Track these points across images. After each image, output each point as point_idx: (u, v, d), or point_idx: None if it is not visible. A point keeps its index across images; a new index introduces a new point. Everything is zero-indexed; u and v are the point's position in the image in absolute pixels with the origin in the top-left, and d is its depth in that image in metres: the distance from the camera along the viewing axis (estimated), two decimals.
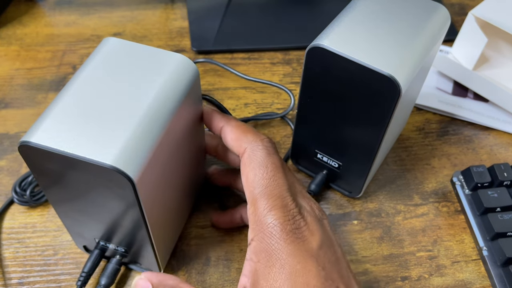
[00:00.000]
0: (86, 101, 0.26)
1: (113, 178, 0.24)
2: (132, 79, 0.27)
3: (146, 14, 0.55)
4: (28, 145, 0.24)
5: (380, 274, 0.35)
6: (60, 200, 0.29)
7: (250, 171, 0.28)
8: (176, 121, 0.27)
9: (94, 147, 0.24)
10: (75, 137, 0.24)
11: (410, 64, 0.30)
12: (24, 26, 0.54)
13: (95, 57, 0.29)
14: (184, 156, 0.31)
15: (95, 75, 0.27)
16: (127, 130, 0.25)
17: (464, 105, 0.47)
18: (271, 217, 0.26)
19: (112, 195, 0.26)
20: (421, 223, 0.38)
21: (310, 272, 0.25)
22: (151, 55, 0.29)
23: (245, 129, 0.30)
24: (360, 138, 0.33)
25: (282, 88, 0.46)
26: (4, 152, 0.42)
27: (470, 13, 0.44)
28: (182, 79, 0.28)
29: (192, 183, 0.35)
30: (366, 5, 0.33)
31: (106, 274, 0.32)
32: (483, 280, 0.35)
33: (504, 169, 0.38)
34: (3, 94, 0.46)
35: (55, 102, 0.26)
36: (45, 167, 0.25)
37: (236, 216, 0.36)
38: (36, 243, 0.36)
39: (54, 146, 0.24)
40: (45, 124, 0.25)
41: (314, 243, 0.26)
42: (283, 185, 0.27)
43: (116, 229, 0.30)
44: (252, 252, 0.27)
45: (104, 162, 0.23)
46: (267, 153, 0.28)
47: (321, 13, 0.55)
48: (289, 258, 0.25)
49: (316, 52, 0.30)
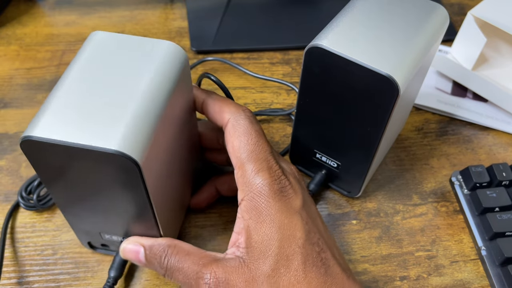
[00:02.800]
0: (82, 93, 0.26)
1: (118, 163, 0.24)
2: (124, 68, 0.27)
3: (145, 14, 0.55)
4: (30, 140, 0.24)
5: (379, 274, 0.35)
6: (64, 195, 0.29)
7: (236, 139, 0.30)
8: (172, 104, 0.28)
9: (96, 135, 0.24)
10: (76, 127, 0.24)
11: (408, 64, 0.30)
12: (23, 26, 0.54)
13: (84, 51, 0.29)
14: (182, 140, 0.32)
15: (87, 68, 0.27)
16: (127, 115, 0.25)
17: (463, 105, 0.47)
18: (258, 178, 0.28)
19: (117, 182, 0.26)
20: (420, 223, 0.38)
21: (296, 226, 0.28)
22: (140, 44, 0.29)
23: (226, 101, 0.31)
24: (359, 138, 0.34)
25: (291, 87, 0.46)
26: (4, 152, 0.42)
27: (469, 13, 0.44)
28: (173, 64, 0.29)
29: (190, 170, 0.36)
30: (364, 5, 0.33)
31: (114, 267, 0.32)
32: (481, 280, 0.35)
33: (502, 169, 0.38)
34: (3, 94, 0.47)
35: (50, 97, 0.26)
36: (49, 162, 0.25)
37: (211, 190, 0.38)
38: (35, 242, 0.36)
39: (57, 137, 0.24)
40: (44, 118, 0.25)
41: (297, 202, 0.29)
42: (267, 149, 0.30)
43: (121, 219, 0.30)
44: (243, 211, 0.29)
45: (109, 148, 0.24)
46: (250, 122, 0.30)
47: (321, 13, 0.55)
48: (278, 214, 0.28)
49: (314, 52, 0.31)
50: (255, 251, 0.28)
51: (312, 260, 0.28)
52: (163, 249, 0.29)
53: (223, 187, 0.37)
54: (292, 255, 0.27)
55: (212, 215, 0.38)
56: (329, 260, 0.28)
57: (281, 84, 0.48)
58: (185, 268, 0.28)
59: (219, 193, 0.38)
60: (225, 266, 0.28)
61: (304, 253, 0.28)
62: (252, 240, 0.28)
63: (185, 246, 0.29)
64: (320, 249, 0.28)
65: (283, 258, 0.27)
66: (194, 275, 0.28)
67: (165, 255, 0.29)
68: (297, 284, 0.27)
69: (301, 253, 0.27)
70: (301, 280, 0.27)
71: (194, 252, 0.29)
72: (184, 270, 0.28)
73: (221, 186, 0.37)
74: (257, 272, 0.27)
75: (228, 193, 0.38)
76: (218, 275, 0.27)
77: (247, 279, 0.27)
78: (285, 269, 0.27)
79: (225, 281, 0.27)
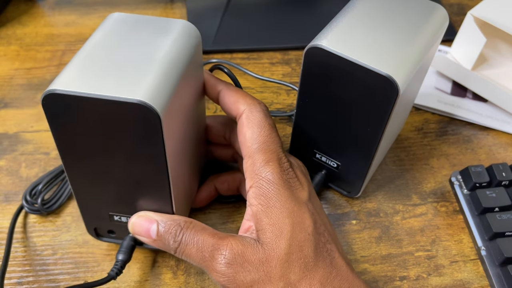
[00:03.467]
0: (104, 54, 0.27)
1: (141, 114, 0.25)
2: (144, 38, 0.29)
3: (145, 14, 0.56)
4: (54, 93, 0.24)
5: (379, 274, 0.35)
6: (79, 163, 0.29)
7: (248, 129, 0.30)
8: (188, 73, 0.29)
9: (120, 87, 0.25)
10: (100, 82, 0.25)
11: (408, 64, 0.30)
12: (23, 26, 0.54)
13: (102, 27, 0.30)
14: (194, 119, 0.32)
15: (107, 38, 0.28)
16: (149, 73, 0.26)
17: (463, 105, 0.47)
18: (268, 167, 0.29)
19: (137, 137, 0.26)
20: (420, 223, 0.38)
21: (305, 214, 0.29)
22: (157, 22, 0.30)
23: (243, 93, 0.32)
24: (359, 138, 0.34)
25: (291, 87, 0.47)
26: (4, 152, 0.42)
27: (469, 13, 0.44)
28: (189, 38, 0.30)
29: (198, 162, 0.36)
30: (364, 5, 0.33)
31: (122, 250, 0.32)
32: (481, 280, 0.35)
33: (502, 169, 0.38)
34: (3, 94, 0.47)
35: (72, 61, 0.27)
36: (70, 118, 0.26)
37: (211, 189, 0.38)
38: (35, 242, 0.36)
39: (81, 90, 0.24)
40: (68, 74, 0.25)
41: (304, 193, 0.30)
42: (277, 142, 0.31)
43: (135, 191, 0.30)
44: (251, 198, 0.29)
45: (133, 98, 0.24)
46: (264, 115, 0.31)
47: (320, 13, 0.55)
48: (288, 200, 0.29)
49: (314, 52, 0.31)
50: (267, 233, 0.28)
51: (320, 250, 0.28)
52: (179, 223, 0.29)
53: (222, 186, 0.37)
54: (304, 241, 0.28)
55: (212, 214, 0.38)
56: (334, 252, 0.29)
57: (280, 84, 0.48)
58: (201, 241, 0.28)
59: (218, 192, 0.38)
60: (242, 241, 0.28)
61: (313, 241, 0.28)
62: (263, 222, 0.28)
63: (200, 224, 0.30)
64: (326, 240, 0.29)
65: (296, 244, 0.28)
66: (209, 247, 0.28)
67: (181, 229, 0.29)
68: (307, 271, 0.27)
69: (311, 240, 0.28)
70: (310, 268, 0.27)
71: (209, 229, 0.29)
72: (200, 243, 0.28)
73: (220, 185, 0.38)
74: (271, 254, 0.27)
75: (227, 192, 0.38)
76: (234, 248, 0.28)
77: (261, 258, 0.27)
78: (297, 254, 0.27)
79: (241, 255, 0.27)
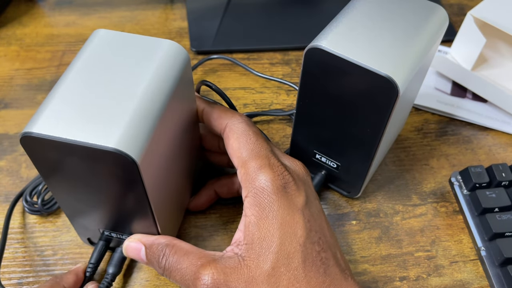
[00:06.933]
0: (82, 91, 0.26)
1: (117, 161, 0.24)
2: (125, 66, 0.28)
3: (145, 14, 0.56)
4: (30, 136, 0.24)
5: (379, 274, 0.35)
6: (63, 191, 0.29)
7: (234, 141, 0.31)
8: (172, 104, 0.28)
9: (95, 132, 0.24)
10: (75, 125, 0.25)
11: (408, 64, 0.30)
12: (23, 26, 0.54)
13: (86, 49, 0.29)
14: (182, 141, 0.32)
15: (88, 65, 0.28)
16: (126, 114, 0.25)
17: (463, 106, 0.47)
18: (261, 174, 0.29)
19: (115, 180, 0.26)
20: (420, 223, 0.38)
21: (298, 223, 0.28)
22: (142, 43, 0.29)
23: (224, 109, 0.33)
24: (359, 138, 0.34)
25: (291, 86, 0.47)
26: (4, 152, 0.42)
27: (469, 13, 0.44)
28: (174, 63, 0.29)
29: (190, 171, 0.36)
30: (364, 6, 0.33)
31: (113, 263, 0.32)
32: (481, 280, 0.35)
33: (502, 169, 0.38)
34: (3, 95, 0.47)
35: (51, 95, 0.26)
36: (48, 158, 0.26)
37: (210, 193, 0.38)
38: (36, 243, 0.36)
39: (56, 134, 0.24)
40: (44, 115, 0.25)
41: (300, 199, 0.29)
42: (266, 147, 0.30)
43: (120, 216, 0.30)
44: (246, 208, 0.29)
45: (107, 146, 0.24)
46: (247, 124, 0.31)
47: (320, 14, 0.55)
48: (280, 210, 0.28)
49: (314, 53, 0.31)
50: (255, 248, 0.28)
51: (312, 259, 0.28)
52: (162, 248, 0.29)
53: (222, 189, 0.37)
54: (293, 253, 0.27)
55: (212, 215, 0.38)
56: (329, 260, 0.28)
57: (281, 84, 0.48)
58: (183, 269, 0.28)
59: (218, 196, 0.38)
60: (223, 267, 0.27)
61: (304, 252, 0.28)
62: (254, 236, 0.28)
63: (184, 245, 0.29)
64: (321, 249, 0.28)
65: (284, 256, 0.27)
66: (191, 276, 0.28)
67: (163, 255, 0.29)
68: (296, 283, 0.27)
69: (302, 251, 0.27)
70: (300, 280, 0.27)
71: (192, 252, 0.29)
72: (182, 271, 0.28)
73: (220, 189, 0.37)
74: (257, 271, 0.27)
75: (227, 195, 0.38)
76: (216, 277, 0.27)
77: (246, 279, 0.27)
78: (285, 267, 0.27)
79: (224, 283, 0.27)
